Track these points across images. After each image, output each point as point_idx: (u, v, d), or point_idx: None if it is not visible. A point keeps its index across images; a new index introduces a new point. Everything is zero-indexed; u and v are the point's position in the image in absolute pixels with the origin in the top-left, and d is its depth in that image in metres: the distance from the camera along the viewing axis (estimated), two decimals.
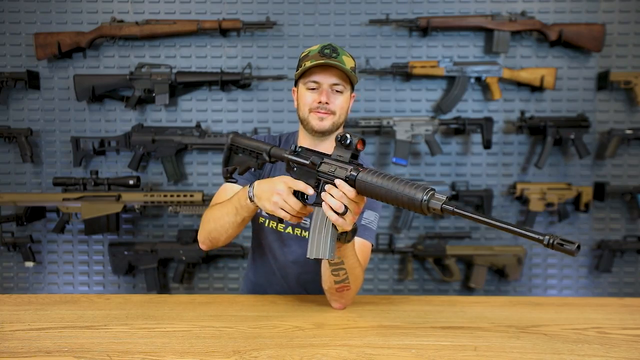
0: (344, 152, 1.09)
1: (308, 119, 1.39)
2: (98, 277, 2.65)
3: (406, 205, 0.99)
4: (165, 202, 2.44)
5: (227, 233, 1.31)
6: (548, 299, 1.42)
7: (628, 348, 1.08)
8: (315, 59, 1.34)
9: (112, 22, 2.45)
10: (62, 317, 1.23)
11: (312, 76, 1.36)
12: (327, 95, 1.36)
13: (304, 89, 1.39)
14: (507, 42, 2.45)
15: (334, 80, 1.35)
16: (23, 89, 2.52)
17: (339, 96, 1.38)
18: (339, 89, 1.37)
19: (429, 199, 0.96)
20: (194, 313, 1.26)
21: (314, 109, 1.37)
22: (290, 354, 1.02)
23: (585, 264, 2.65)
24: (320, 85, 1.36)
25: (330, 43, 1.38)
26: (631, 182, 2.57)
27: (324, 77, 1.35)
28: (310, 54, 1.37)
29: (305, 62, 1.36)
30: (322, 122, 1.37)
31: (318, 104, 1.36)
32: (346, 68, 1.33)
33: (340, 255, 1.21)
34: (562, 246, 0.83)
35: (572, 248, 0.82)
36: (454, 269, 2.54)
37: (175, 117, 2.57)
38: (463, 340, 1.11)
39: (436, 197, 0.96)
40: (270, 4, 2.52)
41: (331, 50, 1.35)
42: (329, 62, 1.31)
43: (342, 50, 1.38)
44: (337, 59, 1.34)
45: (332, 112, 1.37)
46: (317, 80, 1.36)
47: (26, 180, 2.60)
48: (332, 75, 1.35)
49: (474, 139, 2.57)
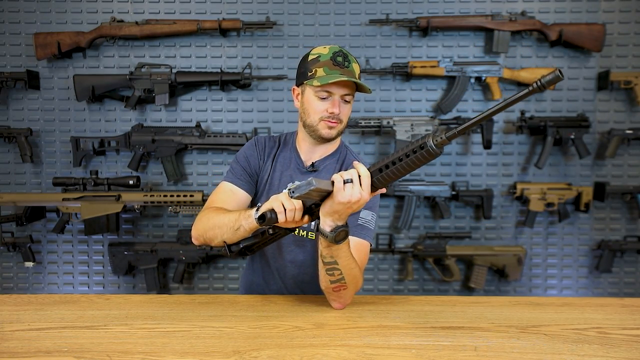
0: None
1: (317, 127, 1.40)
2: (98, 277, 2.65)
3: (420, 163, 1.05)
4: (165, 202, 2.44)
5: (223, 238, 1.31)
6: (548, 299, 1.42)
7: (628, 348, 1.08)
8: (329, 67, 1.34)
9: (112, 22, 2.45)
10: (62, 317, 1.23)
11: (327, 86, 1.36)
12: (339, 106, 1.37)
13: (314, 96, 1.38)
14: (507, 42, 2.45)
15: (346, 91, 1.37)
16: (23, 89, 2.52)
17: (347, 105, 1.40)
18: (348, 99, 1.38)
19: (434, 142, 1.02)
20: (194, 313, 1.26)
21: (325, 118, 1.38)
22: (290, 354, 1.02)
23: (586, 264, 2.65)
24: (332, 95, 1.36)
25: (340, 48, 1.37)
26: (631, 182, 2.57)
27: (337, 88, 1.35)
28: (322, 59, 1.36)
29: (316, 68, 1.35)
30: (331, 131, 1.39)
31: (330, 113, 1.37)
32: (364, 85, 1.35)
33: (333, 255, 1.21)
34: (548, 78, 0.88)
35: (556, 74, 0.87)
36: (454, 269, 2.54)
37: (175, 117, 2.57)
38: (463, 340, 1.11)
39: (434, 136, 1.03)
40: (270, 4, 2.52)
41: (343, 59, 1.35)
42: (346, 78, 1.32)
43: (351, 57, 1.38)
44: (349, 68, 1.35)
45: (340, 121, 1.39)
46: (331, 90, 1.36)
47: (26, 180, 2.60)
48: (345, 87, 1.36)
49: (474, 139, 2.57)
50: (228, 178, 1.48)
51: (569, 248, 2.64)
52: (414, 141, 1.05)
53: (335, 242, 1.16)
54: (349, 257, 1.24)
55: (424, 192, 2.51)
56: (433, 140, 1.02)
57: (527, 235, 2.63)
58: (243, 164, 1.49)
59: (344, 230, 1.15)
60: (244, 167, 1.49)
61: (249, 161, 1.49)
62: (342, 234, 1.15)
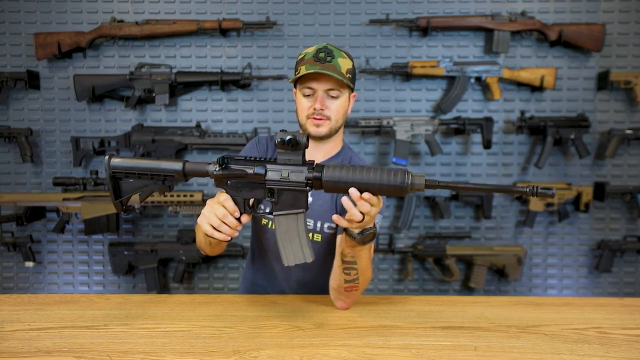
0: (292, 155, 1.04)
1: (305, 125, 1.40)
2: (98, 277, 2.65)
3: (386, 191, 1.00)
4: (165, 202, 2.44)
5: (208, 249, 1.32)
6: (548, 299, 1.42)
7: (628, 348, 1.08)
8: (310, 63, 1.32)
9: (112, 22, 2.45)
10: (62, 317, 1.23)
11: (307, 82, 1.35)
12: (322, 102, 1.35)
13: (301, 95, 1.39)
14: (507, 42, 2.45)
15: (328, 86, 1.35)
16: (23, 89, 2.52)
17: (334, 101, 1.37)
18: (334, 94, 1.36)
19: (411, 180, 0.99)
20: (194, 313, 1.26)
21: (310, 115, 1.37)
22: (290, 354, 1.02)
23: (585, 264, 2.65)
24: (316, 92, 1.36)
25: (326, 45, 1.36)
26: (631, 182, 2.57)
27: (318, 83, 1.34)
28: (306, 57, 1.35)
29: (301, 67, 1.35)
30: (319, 129, 1.38)
31: (313, 110, 1.36)
32: (337, 76, 1.31)
33: (355, 255, 1.21)
34: (543, 191, 0.93)
35: (552, 192, 0.93)
36: (454, 269, 2.54)
37: (175, 117, 2.57)
38: (463, 340, 1.11)
39: (415, 175, 1.00)
40: (270, 4, 2.52)
41: (326, 54, 1.33)
42: (321, 71, 1.30)
43: (338, 52, 1.35)
44: (332, 62, 1.32)
45: (327, 118, 1.37)
46: (312, 86, 1.35)
47: (26, 180, 2.60)
48: (327, 81, 1.34)
49: (474, 139, 2.57)
50: None
51: (568, 248, 2.64)
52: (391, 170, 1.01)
53: (363, 243, 1.15)
54: (368, 258, 1.25)
55: (423, 192, 2.51)
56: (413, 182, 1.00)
57: (527, 235, 2.63)
58: None
59: (372, 232, 1.14)
60: None
61: None
62: (370, 235, 1.14)
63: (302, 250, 1.07)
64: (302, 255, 1.08)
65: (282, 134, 1.03)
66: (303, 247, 1.08)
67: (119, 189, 1.13)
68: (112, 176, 1.10)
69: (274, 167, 1.05)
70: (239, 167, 1.05)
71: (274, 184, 1.05)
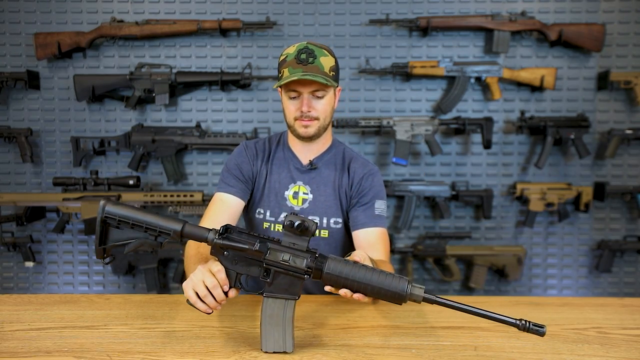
0: (298, 240, 0.99)
1: (294, 126, 1.40)
2: (98, 277, 2.65)
3: (384, 296, 0.96)
4: (165, 202, 2.44)
5: None
6: (548, 299, 1.42)
7: (628, 348, 1.08)
8: (293, 66, 1.32)
9: (112, 22, 2.45)
10: (62, 317, 1.23)
11: (292, 86, 1.35)
12: (309, 104, 1.36)
13: (286, 97, 1.39)
14: (507, 42, 2.45)
15: (313, 88, 1.35)
16: (23, 89, 2.52)
17: (320, 101, 1.38)
18: (320, 95, 1.36)
19: (411, 290, 0.96)
20: (194, 313, 1.26)
21: (298, 118, 1.38)
22: (290, 354, 1.02)
23: (585, 264, 2.65)
24: (301, 94, 1.36)
25: (307, 44, 1.35)
26: (631, 182, 2.57)
27: (303, 86, 1.34)
28: (288, 58, 1.35)
29: (283, 69, 1.34)
30: (308, 130, 1.39)
31: (301, 112, 1.36)
32: (321, 79, 1.30)
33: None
34: (534, 328, 0.92)
35: (543, 330, 0.92)
36: (454, 269, 2.54)
37: (175, 117, 2.57)
38: (463, 340, 1.11)
39: (415, 286, 0.97)
40: (270, 4, 2.52)
41: (307, 55, 1.32)
42: (305, 75, 1.29)
43: (319, 50, 1.35)
44: (315, 63, 1.32)
45: (315, 118, 1.38)
46: (296, 89, 1.35)
47: (26, 180, 2.60)
48: (311, 84, 1.34)
49: (474, 139, 2.57)
50: (219, 188, 1.48)
51: (568, 248, 2.64)
52: (393, 274, 0.98)
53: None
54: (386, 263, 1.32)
55: (424, 192, 2.51)
56: (412, 293, 0.96)
57: (527, 235, 2.63)
58: (235, 172, 1.48)
59: None
60: (236, 175, 1.47)
61: (241, 168, 1.49)
62: None
63: (284, 339, 1.01)
64: (282, 344, 1.01)
65: (292, 217, 0.98)
66: (286, 336, 1.01)
67: (105, 235, 1.05)
68: (103, 221, 1.03)
69: (277, 247, 1.00)
70: (240, 240, 1.01)
71: (273, 265, 1.00)
